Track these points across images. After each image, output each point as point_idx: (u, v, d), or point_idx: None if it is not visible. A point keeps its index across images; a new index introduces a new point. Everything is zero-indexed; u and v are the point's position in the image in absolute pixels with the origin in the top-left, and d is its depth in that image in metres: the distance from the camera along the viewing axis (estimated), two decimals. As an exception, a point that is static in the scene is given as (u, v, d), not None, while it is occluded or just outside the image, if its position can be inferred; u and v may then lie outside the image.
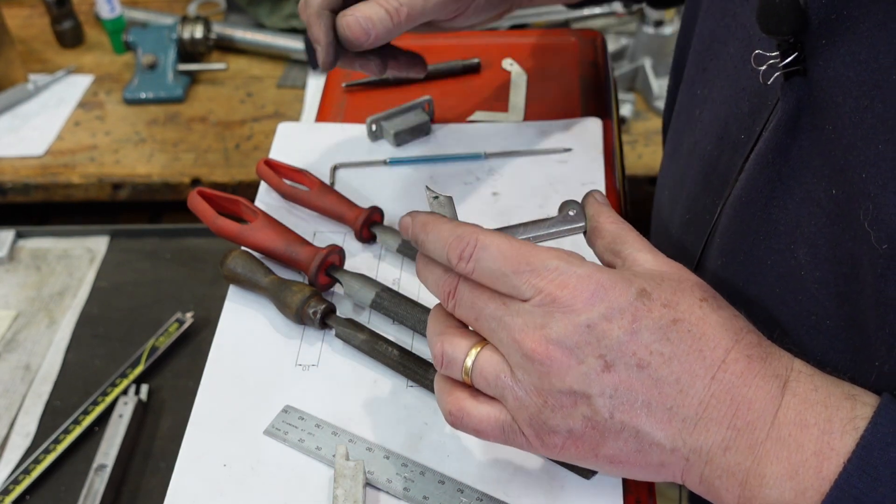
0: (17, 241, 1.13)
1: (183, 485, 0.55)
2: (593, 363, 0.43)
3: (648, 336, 0.43)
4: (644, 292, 0.43)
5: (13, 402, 0.93)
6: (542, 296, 0.44)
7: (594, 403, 0.43)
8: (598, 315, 0.43)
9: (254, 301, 0.67)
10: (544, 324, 0.43)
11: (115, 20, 1.54)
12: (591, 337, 0.43)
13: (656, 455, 0.44)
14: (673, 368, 0.42)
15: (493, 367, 0.46)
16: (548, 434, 0.45)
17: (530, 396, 0.44)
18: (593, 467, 0.46)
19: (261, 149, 1.35)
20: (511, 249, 0.45)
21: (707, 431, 0.42)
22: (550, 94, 0.85)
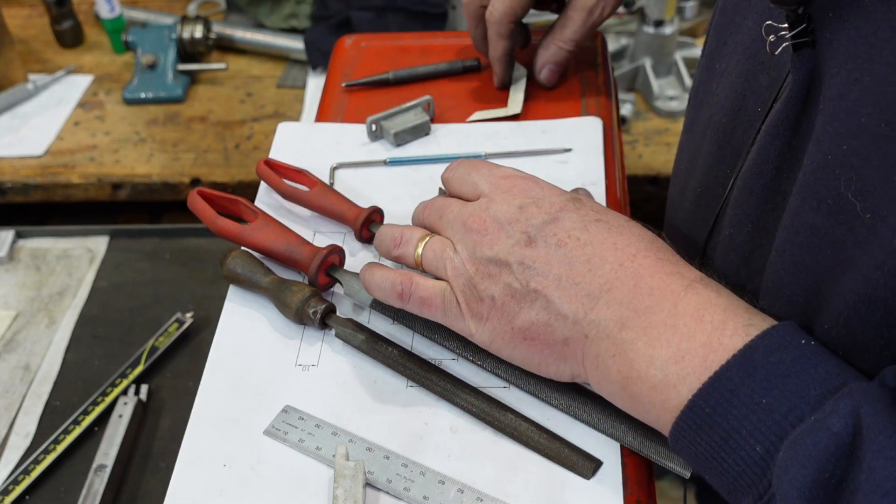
0: (17, 241, 1.13)
1: (183, 485, 0.55)
2: (518, 237, 0.51)
3: (570, 223, 0.50)
4: (577, 200, 0.52)
5: (13, 403, 0.93)
6: (492, 188, 0.54)
7: (514, 272, 0.50)
8: (530, 199, 0.52)
9: (254, 301, 0.67)
10: (487, 207, 0.53)
11: (114, 20, 1.54)
12: (520, 215, 0.51)
13: (561, 328, 0.49)
14: (586, 251, 0.49)
15: (440, 244, 0.55)
16: (476, 301, 0.52)
17: (465, 265, 0.53)
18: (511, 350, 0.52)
19: (261, 149, 1.35)
20: (479, 162, 0.58)
21: (608, 308, 0.47)
22: (550, 93, 0.85)
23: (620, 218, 0.51)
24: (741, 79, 0.55)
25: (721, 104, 0.58)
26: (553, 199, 0.52)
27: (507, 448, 0.56)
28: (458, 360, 0.61)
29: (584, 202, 0.52)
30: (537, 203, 0.51)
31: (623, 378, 0.46)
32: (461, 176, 0.57)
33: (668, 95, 1.38)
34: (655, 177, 1.28)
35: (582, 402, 0.57)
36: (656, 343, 0.45)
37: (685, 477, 0.54)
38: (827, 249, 0.43)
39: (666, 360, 0.44)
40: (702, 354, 0.43)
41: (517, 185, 0.54)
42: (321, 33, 1.44)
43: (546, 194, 0.52)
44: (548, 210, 0.51)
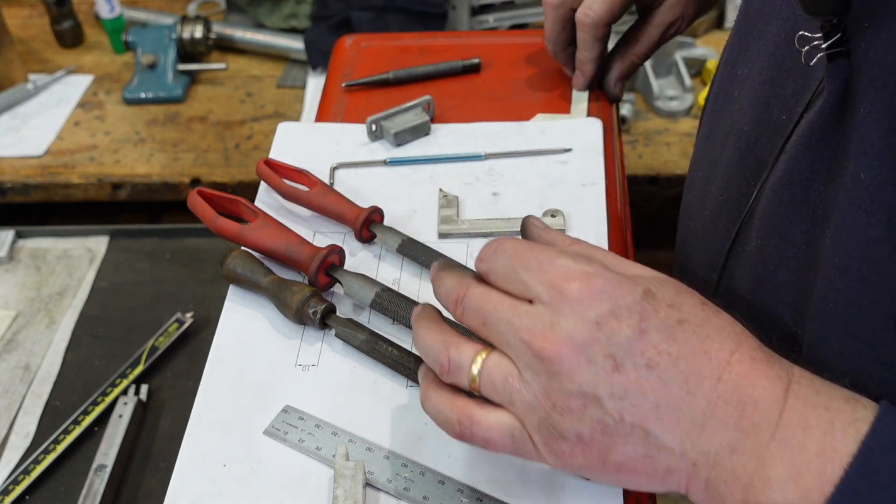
0: (17, 241, 1.13)
1: (183, 485, 0.55)
2: (603, 362, 0.42)
3: (656, 336, 0.42)
4: (649, 293, 0.43)
5: (13, 403, 0.93)
6: (550, 291, 0.43)
7: (604, 405, 0.42)
8: (606, 311, 0.42)
9: (254, 301, 0.67)
10: (553, 322, 0.43)
11: (114, 20, 1.54)
12: (600, 334, 0.42)
13: (664, 459, 0.43)
14: (681, 369, 0.42)
15: (502, 370, 0.45)
16: (556, 440, 0.44)
17: (540, 399, 0.43)
18: (599, 478, 0.45)
19: (261, 149, 1.35)
20: (524, 248, 0.46)
21: (714, 433, 0.42)
22: (550, 94, 0.85)
23: (695, 303, 0.44)
24: (765, 85, 0.54)
25: (744, 111, 0.57)
26: (629, 303, 0.43)
27: (507, 448, 0.56)
28: (458, 360, 0.61)
29: (657, 295, 0.43)
30: (615, 314, 0.42)
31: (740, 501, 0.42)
32: (504, 271, 0.46)
33: (668, 95, 1.38)
34: (655, 177, 1.28)
35: (582, 402, 0.57)
36: (769, 462, 0.41)
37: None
38: None
39: (783, 480, 0.41)
40: (818, 466, 0.40)
41: (583, 287, 0.43)
42: (321, 33, 1.44)
43: (619, 296, 0.43)
44: (628, 321, 0.42)
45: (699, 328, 0.43)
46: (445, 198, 0.73)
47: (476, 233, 0.71)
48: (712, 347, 0.43)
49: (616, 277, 0.43)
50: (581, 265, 0.44)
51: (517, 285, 0.45)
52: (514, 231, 0.70)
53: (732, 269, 0.58)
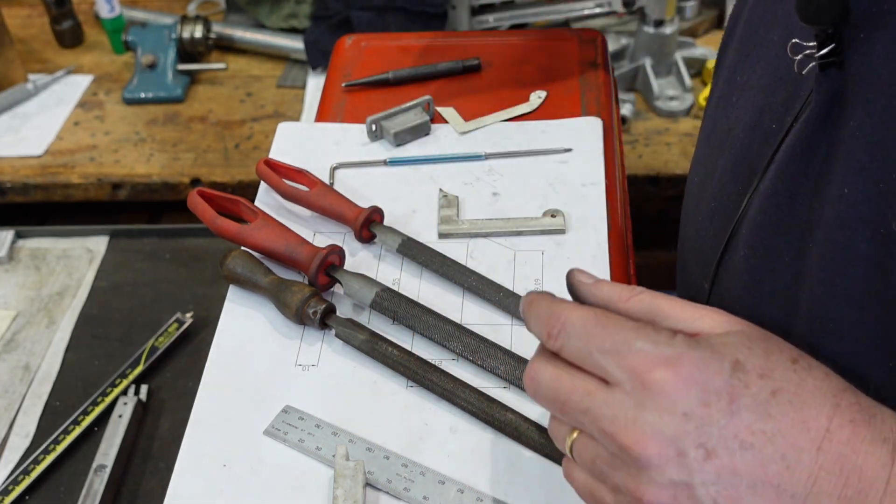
0: (17, 241, 1.13)
1: (183, 485, 0.55)
2: (694, 454, 0.40)
3: (749, 415, 0.40)
4: (738, 365, 0.40)
5: (12, 403, 0.93)
6: (633, 381, 0.41)
7: (696, 493, 0.40)
8: (695, 401, 0.40)
9: (254, 301, 0.66)
10: (637, 416, 0.40)
11: (114, 20, 1.54)
12: (689, 426, 0.40)
13: None
14: (777, 445, 0.40)
15: (590, 453, 0.43)
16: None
17: (627, 489, 0.42)
18: None
19: (261, 149, 1.35)
20: (597, 325, 0.42)
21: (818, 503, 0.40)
22: (550, 94, 0.85)
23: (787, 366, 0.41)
24: (762, 94, 0.53)
25: (741, 118, 0.56)
26: (718, 386, 0.40)
27: (507, 448, 0.56)
28: (458, 360, 0.61)
29: (746, 365, 0.41)
30: (704, 402, 0.40)
31: None
32: (578, 353, 0.43)
33: (668, 95, 1.38)
34: (655, 177, 1.28)
35: (582, 402, 0.57)
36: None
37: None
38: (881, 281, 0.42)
39: None
40: None
41: (669, 377, 0.40)
42: (321, 33, 1.44)
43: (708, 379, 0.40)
44: (718, 406, 0.40)
45: (794, 397, 0.40)
46: (445, 198, 0.73)
47: (476, 233, 0.71)
48: (810, 416, 0.40)
49: (701, 357, 0.40)
50: (662, 347, 0.41)
51: (594, 369, 0.42)
52: (514, 231, 0.70)
53: (722, 278, 0.57)
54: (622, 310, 0.44)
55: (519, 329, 0.63)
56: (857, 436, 0.40)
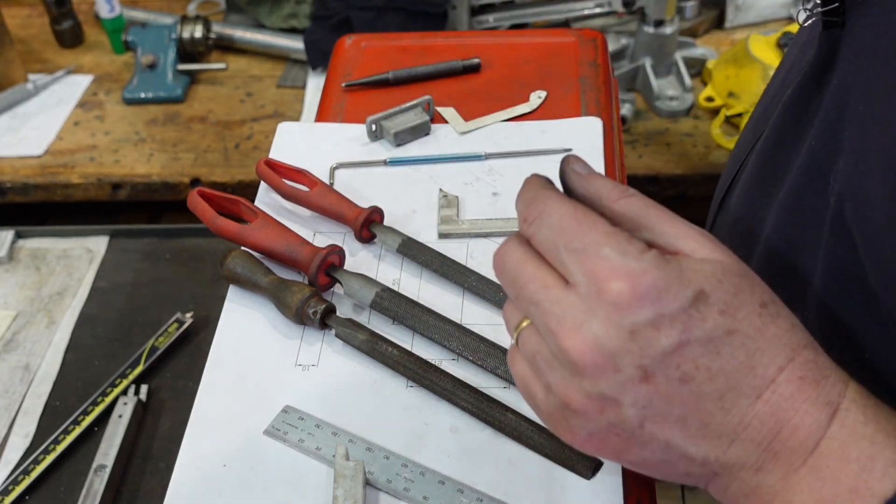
0: (17, 241, 1.13)
1: (183, 485, 0.55)
2: (631, 372, 0.39)
3: (697, 349, 0.39)
4: (702, 295, 0.39)
5: (12, 403, 0.93)
6: (589, 285, 0.39)
7: (623, 413, 0.40)
8: (644, 320, 0.38)
9: (254, 301, 0.66)
10: (584, 321, 0.39)
11: (114, 20, 1.54)
12: (633, 345, 0.38)
13: (683, 466, 0.41)
14: (718, 385, 0.39)
15: (533, 345, 0.42)
16: (566, 431, 0.42)
17: (557, 390, 0.41)
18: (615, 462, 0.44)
19: (261, 149, 1.35)
20: (571, 221, 0.41)
21: (743, 451, 0.40)
22: (550, 94, 0.85)
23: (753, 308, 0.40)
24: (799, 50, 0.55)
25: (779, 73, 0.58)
26: (673, 310, 0.38)
27: (507, 448, 0.56)
28: (458, 360, 0.61)
29: (710, 298, 0.39)
30: (654, 324, 0.38)
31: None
32: (547, 245, 0.42)
33: (668, 95, 1.38)
34: (655, 177, 1.28)
35: (582, 402, 0.57)
36: (796, 488, 0.39)
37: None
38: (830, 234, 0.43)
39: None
40: (846, 502, 0.38)
41: (625, 289, 0.38)
42: (321, 33, 1.44)
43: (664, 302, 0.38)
44: (668, 333, 0.38)
45: (750, 341, 0.39)
46: (445, 198, 0.73)
47: (476, 233, 0.71)
48: (760, 363, 0.39)
49: (665, 279, 0.38)
50: (630, 259, 0.39)
51: (557, 264, 0.41)
52: (514, 231, 0.70)
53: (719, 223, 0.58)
54: (608, 209, 0.43)
55: (519, 329, 0.63)
56: (801, 393, 0.39)
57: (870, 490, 0.38)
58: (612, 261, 0.39)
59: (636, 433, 0.40)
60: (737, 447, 0.40)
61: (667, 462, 0.41)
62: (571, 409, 0.41)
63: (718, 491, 0.42)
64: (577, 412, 0.41)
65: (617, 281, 0.38)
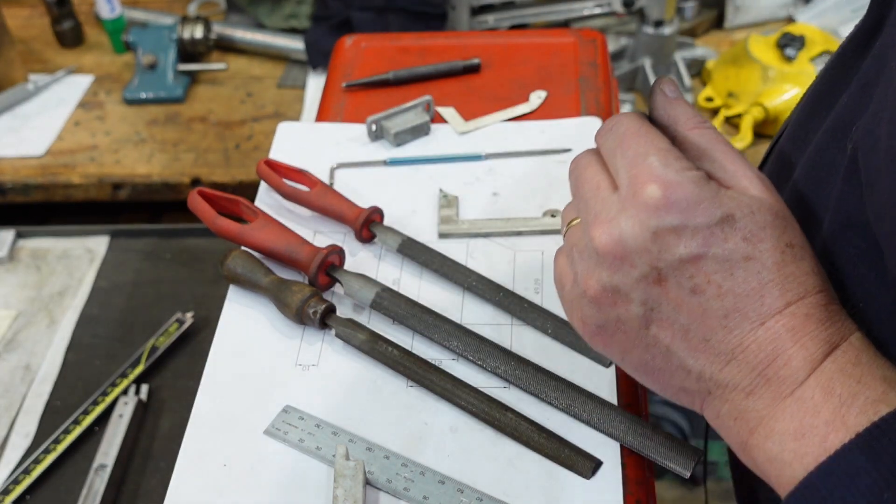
0: (17, 241, 1.13)
1: (183, 485, 0.55)
2: (646, 271, 0.42)
3: (713, 265, 0.41)
4: (729, 219, 0.41)
5: (13, 403, 0.93)
6: (629, 187, 0.42)
7: (632, 310, 0.43)
8: (668, 225, 0.41)
9: (254, 301, 0.67)
10: (615, 216, 0.43)
11: (115, 20, 1.54)
12: (653, 245, 0.41)
13: (680, 378, 0.44)
14: (725, 303, 0.41)
15: (574, 239, 0.46)
16: (580, 320, 0.46)
17: (580, 279, 0.45)
18: (619, 365, 0.47)
19: (261, 149, 1.35)
20: (634, 134, 0.44)
21: (737, 372, 0.42)
22: (550, 94, 0.85)
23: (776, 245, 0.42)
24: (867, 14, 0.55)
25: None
26: (698, 224, 0.41)
27: (507, 448, 0.56)
28: (458, 360, 0.61)
29: (737, 224, 0.41)
30: (677, 231, 0.41)
31: (742, 442, 0.43)
32: (608, 152, 0.46)
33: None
34: (655, 177, 1.28)
35: (582, 402, 0.57)
36: (779, 415, 0.41)
37: (685, 477, 0.54)
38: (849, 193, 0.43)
39: (785, 435, 0.41)
40: (823, 433, 0.39)
41: (659, 194, 0.41)
42: (321, 33, 1.44)
43: (691, 214, 0.41)
44: (688, 243, 0.41)
45: (766, 272, 0.41)
46: (445, 198, 0.74)
47: (476, 233, 0.71)
48: (770, 293, 0.41)
49: (699, 194, 0.41)
50: (671, 171, 0.41)
51: (612, 167, 0.45)
52: (514, 231, 0.71)
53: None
54: (680, 135, 0.45)
55: (519, 329, 0.63)
56: (803, 328, 0.41)
57: (844, 424, 0.39)
58: (654, 168, 0.42)
59: (641, 333, 0.44)
60: (732, 367, 0.42)
61: (665, 371, 0.44)
62: (588, 298, 0.44)
63: (711, 414, 0.44)
64: (592, 301, 0.44)
65: (653, 185, 0.41)
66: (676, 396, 0.45)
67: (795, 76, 1.27)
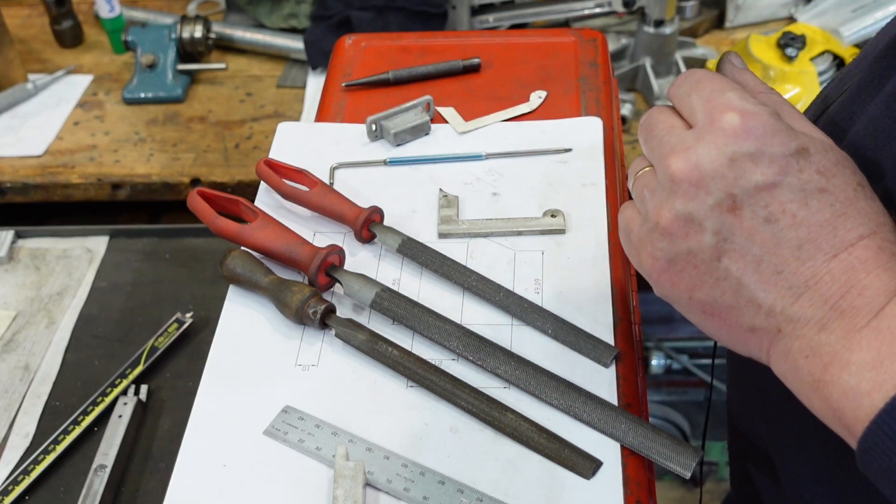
0: (17, 241, 1.13)
1: (183, 485, 0.55)
2: (720, 197, 0.42)
3: (788, 194, 0.41)
4: (804, 151, 0.42)
5: (12, 403, 0.93)
6: (706, 118, 0.43)
7: (704, 240, 0.43)
8: (746, 151, 0.41)
9: (254, 301, 0.66)
10: (691, 146, 0.43)
11: (114, 20, 1.53)
12: (729, 171, 0.41)
13: (750, 316, 0.43)
14: (799, 233, 0.41)
15: (644, 181, 0.47)
16: (651, 257, 0.45)
17: (652, 212, 0.45)
18: (685, 313, 0.46)
19: (260, 149, 1.35)
20: (707, 77, 0.45)
21: (810, 305, 0.41)
22: (550, 94, 0.85)
23: (849, 181, 0.42)
24: None
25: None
26: (775, 153, 0.41)
27: (507, 448, 0.56)
28: (458, 360, 0.61)
29: (811, 157, 0.42)
30: (754, 158, 0.41)
31: (815, 381, 0.41)
32: (681, 95, 0.46)
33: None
34: (655, 177, 1.28)
35: (582, 402, 0.57)
36: (855, 346, 0.40)
37: (685, 477, 0.54)
38: None
39: (862, 366, 0.39)
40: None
41: (736, 121, 0.42)
42: (321, 33, 1.44)
43: (768, 143, 0.41)
44: (765, 171, 0.41)
45: (839, 204, 0.41)
46: (445, 198, 0.73)
47: (476, 233, 0.71)
48: (843, 226, 0.41)
49: (776, 125, 0.42)
50: (748, 103, 0.42)
51: (686, 109, 0.45)
52: (514, 231, 0.70)
53: None
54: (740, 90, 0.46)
55: (519, 329, 0.63)
56: (877, 259, 0.41)
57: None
58: (732, 100, 0.42)
59: (712, 266, 0.43)
60: (805, 300, 0.41)
61: (734, 308, 0.43)
62: (660, 230, 0.44)
63: (780, 355, 0.43)
64: (664, 232, 0.44)
65: (732, 113, 0.42)
66: (743, 339, 0.44)
67: (796, 76, 1.26)
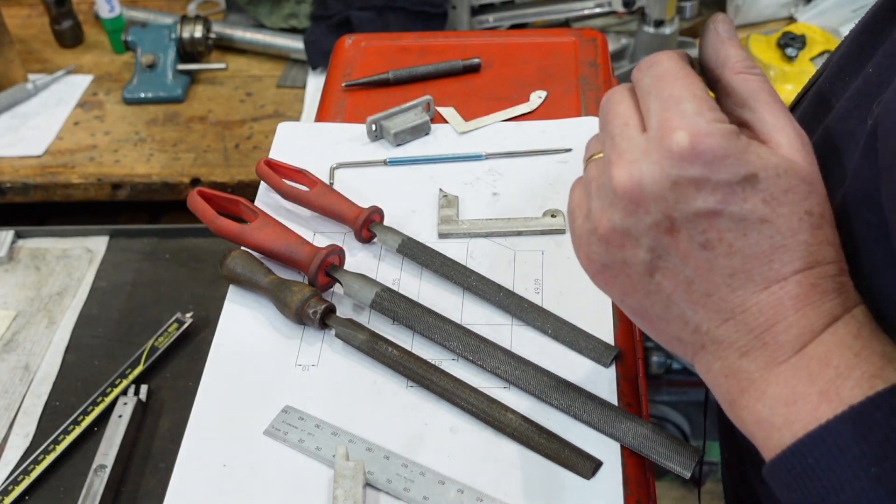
0: (17, 241, 1.13)
1: (183, 485, 0.55)
2: (659, 219, 0.41)
3: (728, 223, 0.40)
4: (752, 178, 0.40)
5: (12, 403, 0.93)
6: (658, 131, 0.41)
7: (639, 255, 0.42)
8: (689, 176, 0.40)
9: (254, 301, 0.66)
10: (638, 158, 0.41)
11: (114, 20, 1.53)
12: (670, 194, 0.40)
13: (677, 328, 0.44)
14: (733, 262, 0.41)
15: (592, 173, 0.46)
16: (587, 257, 0.45)
17: (593, 215, 0.44)
18: (619, 307, 0.47)
19: (261, 149, 1.35)
20: (672, 77, 0.43)
21: (735, 331, 0.42)
22: (550, 94, 0.85)
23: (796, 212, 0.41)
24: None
25: None
26: (720, 180, 0.40)
27: (507, 448, 0.56)
28: (458, 360, 0.61)
29: (759, 184, 0.40)
30: (697, 184, 0.40)
31: (731, 400, 0.42)
32: (643, 91, 0.44)
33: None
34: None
35: (582, 402, 0.57)
36: (772, 379, 0.41)
37: (685, 477, 0.54)
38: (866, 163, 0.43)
39: (776, 399, 0.40)
40: (815, 402, 0.39)
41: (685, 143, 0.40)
42: (321, 33, 1.44)
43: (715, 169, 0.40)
44: (706, 198, 0.40)
45: (779, 237, 0.41)
46: (445, 198, 0.73)
47: (476, 233, 0.71)
48: (780, 259, 0.41)
49: (726, 148, 0.40)
50: (703, 120, 0.40)
51: (643, 104, 0.44)
52: (514, 231, 0.70)
53: None
54: (725, 78, 0.44)
55: (519, 329, 0.63)
56: (807, 297, 0.41)
57: (839, 396, 0.39)
58: (686, 116, 0.40)
59: (644, 279, 0.43)
60: (730, 326, 0.42)
61: (663, 319, 0.44)
62: (597, 235, 0.44)
63: (702, 368, 0.44)
64: (601, 239, 0.43)
65: (682, 132, 0.40)
66: (669, 344, 0.45)
67: (796, 76, 1.27)
